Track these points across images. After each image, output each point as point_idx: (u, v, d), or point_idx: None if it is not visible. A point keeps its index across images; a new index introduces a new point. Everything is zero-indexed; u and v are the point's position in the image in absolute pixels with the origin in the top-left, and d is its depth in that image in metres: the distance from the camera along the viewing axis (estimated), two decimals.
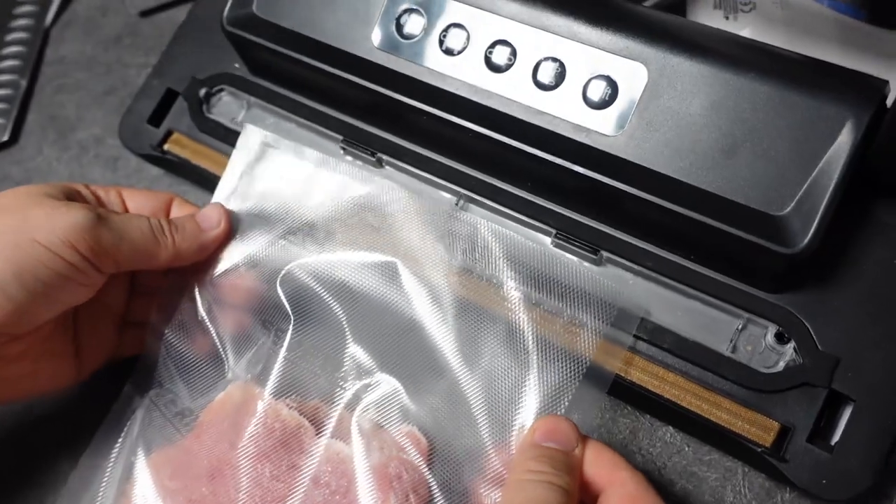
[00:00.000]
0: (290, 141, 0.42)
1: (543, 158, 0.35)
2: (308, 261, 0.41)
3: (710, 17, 0.40)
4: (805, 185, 0.31)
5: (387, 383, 0.39)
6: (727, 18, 0.39)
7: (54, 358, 0.37)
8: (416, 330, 0.39)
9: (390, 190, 0.41)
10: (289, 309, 0.40)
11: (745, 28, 0.39)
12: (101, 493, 0.39)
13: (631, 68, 0.34)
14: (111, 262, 0.35)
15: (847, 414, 0.32)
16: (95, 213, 0.34)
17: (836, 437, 0.32)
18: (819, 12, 0.39)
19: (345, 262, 0.40)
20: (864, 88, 0.31)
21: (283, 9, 0.40)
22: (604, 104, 0.34)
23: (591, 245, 0.37)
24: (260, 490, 0.36)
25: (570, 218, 0.37)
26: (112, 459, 0.39)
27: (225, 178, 0.42)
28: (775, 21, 0.39)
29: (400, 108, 0.38)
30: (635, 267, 0.36)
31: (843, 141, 0.30)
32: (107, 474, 0.39)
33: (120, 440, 0.40)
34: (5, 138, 0.53)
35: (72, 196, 0.37)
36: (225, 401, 0.39)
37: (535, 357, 0.36)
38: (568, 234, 0.37)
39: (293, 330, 0.40)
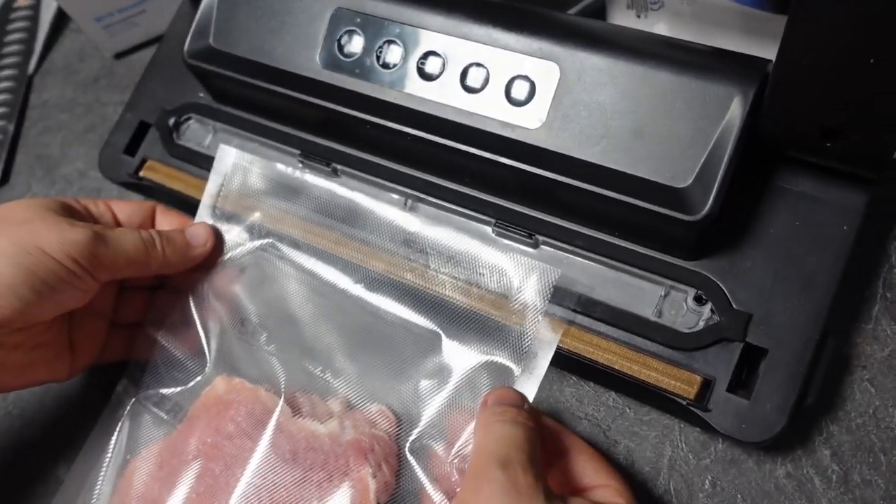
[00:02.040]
0: (259, 157, 0.46)
1: (476, 155, 0.39)
2: (280, 263, 0.45)
3: (624, 16, 0.43)
4: (702, 159, 0.34)
5: (353, 369, 0.42)
6: (639, 17, 0.43)
7: (51, 349, 0.41)
8: (376, 320, 0.42)
9: (346, 195, 0.44)
10: (264, 308, 0.44)
11: (656, 24, 0.43)
12: (96, 491, 0.42)
13: (545, 67, 0.37)
14: (106, 272, 0.40)
15: (763, 364, 0.35)
16: (94, 231, 0.39)
17: (754, 386, 0.35)
18: (722, 4, 0.43)
19: (314, 261, 0.44)
20: (749, 68, 0.34)
21: (236, 39, 0.44)
22: (525, 101, 0.38)
23: (528, 230, 0.40)
24: (242, 467, 0.39)
25: (506, 208, 0.41)
26: (106, 459, 0.43)
27: (206, 193, 0.46)
28: (684, 16, 0.42)
29: (347, 120, 0.42)
30: (567, 247, 0.40)
31: (733, 116, 0.34)
32: (102, 473, 0.42)
33: (113, 439, 0.43)
34: None
35: (68, 210, 0.41)
36: (210, 393, 0.43)
37: (484, 337, 0.40)
38: (506, 222, 0.41)
39: (269, 326, 0.44)
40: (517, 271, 0.40)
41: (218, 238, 0.46)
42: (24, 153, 0.59)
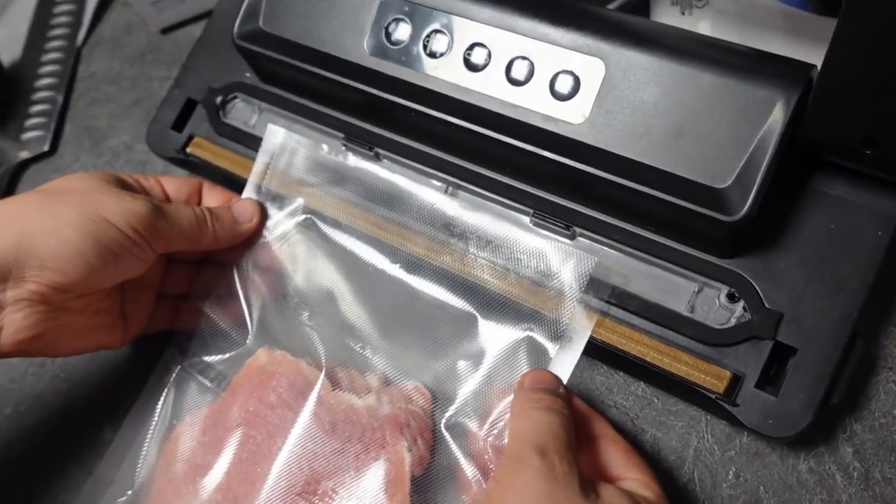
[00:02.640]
0: (306, 139, 0.47)
1: (519, 147, 0.40)
2: (322, 242, 0.46)
3: (668, 13, 0.44)
4: (743, 161, 0.35)
5: (390, 346, 0.44)
6: (683, 14, 0.43)
7: (107, 316, 0.43)
8: (414, 300, 0.44)
9: (387, 179, 0.46)
10: (306, 284, 0.46)
11: (700, 22, 0.43)
12: (143, 454, 0.44)
13: (591, 63, 0.38)
14: (163, 243, 0.42)
15: (791, 362, 0.36)
16: (153, 204, 0.41)
17: (782, 384, 0.36)
18: (767, 4, 0.43)
19: (355, 242, 0.46)
20: (793, 72, 0.35)
21: (286, 22, 0.45)
22: (568, 96, 0.38)
23: (565, 222, 0.41)
24: (283, 436, 0.41)
25: (545, 199, 0.42)
26: (153, 423, 0.45)
27: (253, 171, 0.48)
28: (728, 14, 0.43)
29: (392, 106, 0.43)
30: (604, 240, 0.41)
31: (775, 120, 0.34)
32: (148, 436, 0.45)
33: (159, 405, 0.45)
34: (46, 148, 0.59)
35: (122, 183, 0.43)
36: (253, 363, 0.45)
37: (520, 320, 0.41)
38: (544, 213, 0.42)
39: (311, 302, 0.46)
40: (555, 257, 0.41)
41: (263, 214, 0.47)
42: (72, 124, 0.60)
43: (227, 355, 0.46)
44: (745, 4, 0.43)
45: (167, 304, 0.48)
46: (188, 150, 0.51)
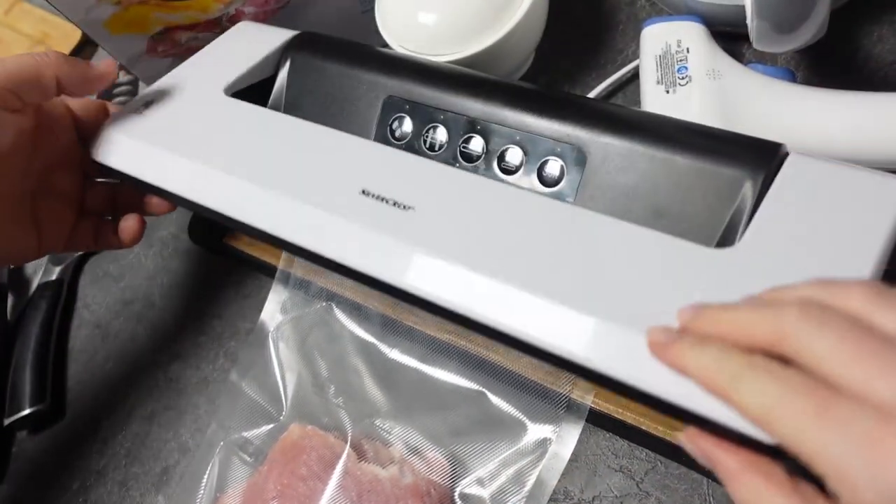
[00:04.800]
0: None
1: None
2: (345, 326, 0.50)
3: (654, 91, 0.46)
4: (717, 238, 0.37)
5: (410, 422, 0.47)
6: (668, 92, 0.46)
7: (15, 225, 0.45)
8: (427, 380, 0.47)
9: None
10: (331, 364, 0.50)
11: (689, 99, 0.45)
12: None
13: (574, 151, 0.41)
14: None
15: None
16: None
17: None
18: (750, 77, 0.45)
19: (373, 326, 0.50)
20: (761, 152, 0.37)
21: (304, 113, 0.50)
22: (555, 182, 0.41)
23: None
24: None
25: None
26: (200, 494, 0.49)
27: (282, 258, 0.52)
28: (709, 91, 0.45)
29: None
30: None
31: (745, 197, 0.36)
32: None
33: (205, 478, 0.50)
34: None
35: None
36: (286, 438, 0.49)
37: (526, 395, 0.44)
38: None
39: (336, 381, 0.50)
40: None
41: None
42: None
43: (263, 430, 0.50)
44: (727, 79, 0.45)
45: (90, 221, 0.50)
46: (225, 240, 0.56)
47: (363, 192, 0.39)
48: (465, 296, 0.34)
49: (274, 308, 0.53)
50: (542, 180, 0.42)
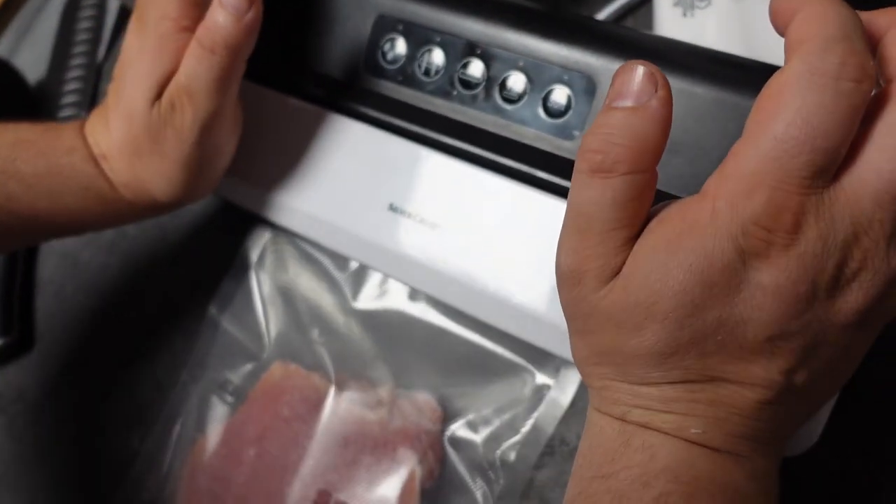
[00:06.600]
0: None
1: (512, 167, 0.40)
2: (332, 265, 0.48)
3: (670, 14, 0.43)
4: None
5: (400, 363, 0.45)
6: (685, 16, 0.42)
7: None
8: (418, 325, 0.45)
9: None
10: (315, 307, 0.47)
11: (705, 24, 0.42)
12: (167, 462, 0.47)
13: (583, 79, 0.38)
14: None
15: None
16: None
17: None
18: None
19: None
20: None
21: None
22: (561, 113, 0.38)
23: None
24: (297, 448, 0.43)
25: None
26: (176, 435, 0.47)
27: None
28: (731, 16, 0.42)
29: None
30: None
31: None
32: (172, 447, 0.47)
33: (181, 420, 0.47)
34: None
35: None
36: (268, 378, 0.46)
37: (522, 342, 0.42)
38: None
39: (320, 322, 0.47)
40: None
41: None
42: None
43: (244, 370, 0.48)
44: (747, 3, 0.42)
45: None
46: None
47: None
48: None
49: (257, 240, 0.50)
50: (548, 111, 0.39)
